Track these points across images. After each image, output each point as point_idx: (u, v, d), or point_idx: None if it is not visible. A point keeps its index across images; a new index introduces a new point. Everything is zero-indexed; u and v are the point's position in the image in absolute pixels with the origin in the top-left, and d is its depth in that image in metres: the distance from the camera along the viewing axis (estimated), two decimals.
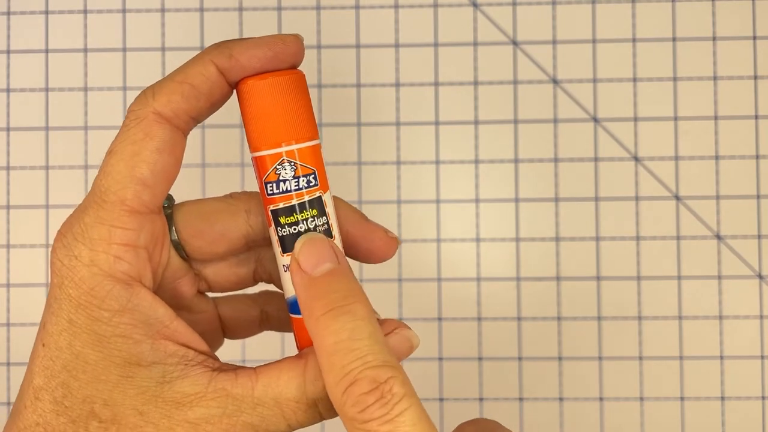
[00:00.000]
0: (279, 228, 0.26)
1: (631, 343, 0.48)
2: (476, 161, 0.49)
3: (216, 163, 0.49)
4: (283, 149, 0.25)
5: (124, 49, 0.50)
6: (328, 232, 0.26)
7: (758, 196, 0.48)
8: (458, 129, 0.49)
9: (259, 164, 0.26)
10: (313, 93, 0.49)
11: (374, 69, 0.49)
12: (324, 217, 0.26)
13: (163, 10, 0.50)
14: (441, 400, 0.48)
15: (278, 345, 0.48)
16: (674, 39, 0.49)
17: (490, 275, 0.48)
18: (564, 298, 0.48)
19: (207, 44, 0.49)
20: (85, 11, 0.50)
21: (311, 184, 0.26)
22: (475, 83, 0.49)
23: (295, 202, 0.26)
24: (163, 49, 0.49)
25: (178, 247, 0.27)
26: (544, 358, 0.48)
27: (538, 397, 0.48)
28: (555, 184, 0.49)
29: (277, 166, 0.25)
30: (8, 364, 0.49)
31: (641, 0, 0.49)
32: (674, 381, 0.48)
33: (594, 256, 0.48)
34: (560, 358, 0.48)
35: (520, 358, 0.48)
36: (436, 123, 0.49)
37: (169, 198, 0.28)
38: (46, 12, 0.50)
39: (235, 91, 0.26)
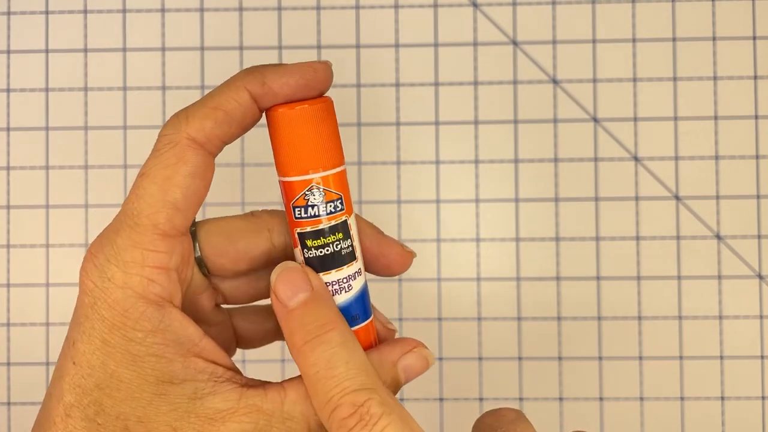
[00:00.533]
0: (306, 250, 0.26)
1: (631, 343, 0.48)
2: (476, 161, 0.49)
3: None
4: (312, 176, 0.26)
5: (124, 49, 0.50)
6: (352, 254, 0.27)
7: (758, 196, 0.48)
8: (458, 129, 0.49)
9: (287, 189, 0.26)
10: None
11: (374, 69, 0.49)
12: (348, 240, 0.27)
13: (163, 10, 0.50)
14: (441, 400, 0.48)
15: (278, 346, 0.48)
16: (674, 39, 0.49)
17: (490, 275, 0.48)
18: (564, 298, 0.48)
19: (207, 44, 0.49)
20: (85, 11, 0.50)
21: (338, 209, 0.26)
22: (475, 83, 0.49)
23: (322, 226, 0.26)
24: (163, 49, 0.49)
25: (201, 263, 0.28)
26: (544, 358, 0.48)
27: (538, 397, 0.48)
28: (555, 184, 0.49)
29: (306, 192, 0.26)
30: (8, 364, 0.49)
31: (641, 0, 0.49)
32: (674, 381, 0.48)
33: (594, 256, 0.48)
34: (560, 358, 0.48)
35: (520, 358, 0.48)
36: (436, 123, 0.49)
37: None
38: (46, 12, 0.50)
39: (264, 115, 0.26)
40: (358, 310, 0.27)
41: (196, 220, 0.28)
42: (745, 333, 0.48)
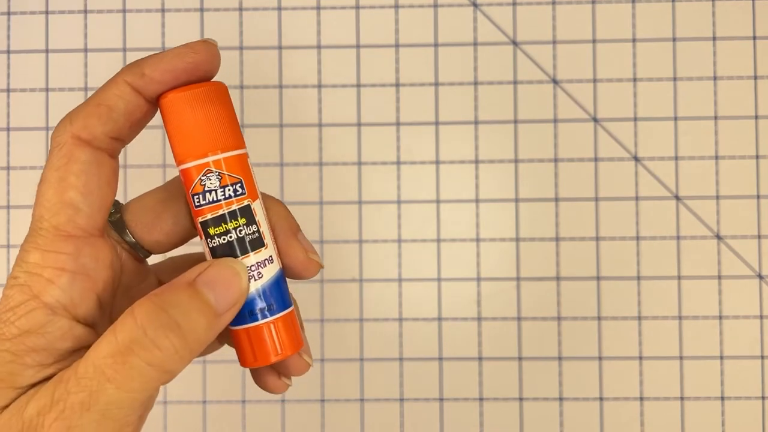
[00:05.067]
0: (209, 239, 0.26)
1: (631, 343, 0.48)
2: (476, 161, 0.49)
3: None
4: (208, 159, 0.25)
5: (124, 49, 0.50)
6: (260, 241, 0.26)
7: (758, 196, 0.48)
8: (458, 129, 0.49)
9: (185, 177, 0.26)
10: (312, 93, 0.49)
11: (374, 69, 0.49)
12: (254, 225, 0.26)
13: (163, 10, 0.50)
14: (441, 400, 0.48)
15: None
16: (674, 39, 0.49)
17: (490, 275, 0.48)
18: (564, 298, 0.48)
19: None
20: (85, 11, 0.50)
21: (238, 193, 0.26)
22: (475, 83, 0.49)
23: (222, 211, 0.26)
24: (163, 49, 0.49)
25: (137, 247, 0.27)
26: (544, 358, 0.48)
27: (538, 397, 0.48)
28: (555, 184, 0.49)
29: (202, 177, 0.25)
30: None
31: (641, 0, 0.49)
32: (674, 381, 0.48)
33: (594, 256, 0.48)
34: (560, 358, 0.48)
35: (520, 358, 0.48)
36: (436, 123, 0.49)
37: (116, 204, 0.28)
38: (46, 12, 0.50)
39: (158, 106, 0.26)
40: (273, 299, 0.26)
41: (122, 204, 0.28)
42: (745, 333, 0.48)
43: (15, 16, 0.50)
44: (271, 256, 0.26)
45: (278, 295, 0.27)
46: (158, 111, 0.26)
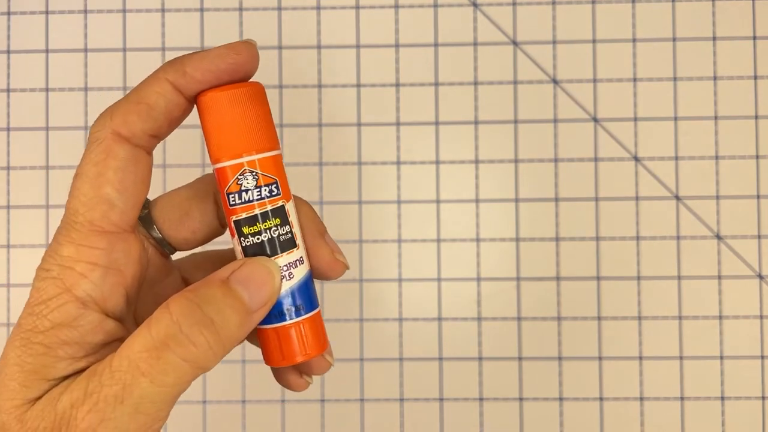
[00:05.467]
0: (242, 238, 0.26)
1: (631, 343, 0.48)
2: (476, 161, 0.49)
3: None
4: (245, 159, 0.25)
5: (124, 49, 0.50)
6: (292, 242, 0.26)
7: (758, 196, 0.48)
8: (458, 129, 0.49)
9: (220, 176, 0.26)
10: (313, 93, 0.49)
11: (374, 69, 0.49)
12: (287, 226, 0.26)
13: (163, 10, 0.50)
14: (441, 400, 0.48)
15: None
16: (674, 39, 0.49)
17: (490, 275, 0.48)
18: (564, 298, 0.48)
19: (207, 44, 0.49)
20: (85, 11, 0.50)
21: (273, 194, 0.26)
22: (475, 83, 0.49)
23: (257, 211, 0.26)
24: (163, 49, 0.49)
25: (163, 243, 0.28)
26: (544, 358, 0.48)
27: (538, 397, 0.48)
28: (555, 184, 0.49)
29: (239, 176, 0.26)
30: None
31: (641, 0, 0.49)
32: (674, 381, 0.48)
33: (594, 256, 0.48)
34: (560, 358, 0.48)
35: (520, 358, 0.48)
36: (436, 123, 0.49)
37: (146, 202, 0.28)
38: (46, 12, 0.50)
39: (195, 104, 0.26)
40: (302, 300, 0.26)
41: (150, 200, 0.28)
42: (745, 333, 0.48)
43: (15, 16, 0.50)
44: (301, 257, 0.27)
45: (307, 296, 0.27)
46: (194, 108, 0.26)
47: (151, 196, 0.28)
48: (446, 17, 0.49)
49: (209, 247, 0.31)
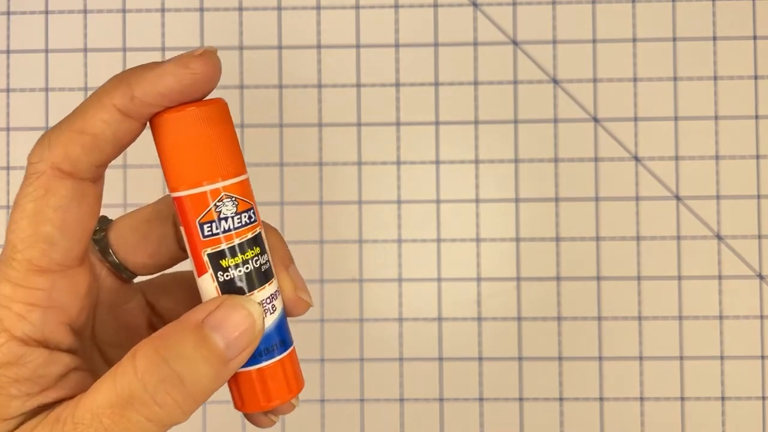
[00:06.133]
0: (219, 272, 0.23)
1: (631, 343, 0.48)
2: (476, 161, 0.49)
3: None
4: (221, 184, 0.22)
5: (124, 49, 0.50)
6: (270, 272, 0.24)
7: (758, 196, 0.48)
8: (458, 129, 0.49)
9: (192, 204, 0.22)
10: (312, 93, 0.49)
11: (374, 69, 0.49)
12: (266, 255, 0.24)
13: (163, 10, 0.50)
14: (441, 400, 0.48)
15: None
16: (674, 39, 0.49)
17: (490, 275, 0.48)
18: (564, 298, 0.48)
19: (207, 44, 0.49)
20: (85, 11, 0.50)
21: (252, 220, 0.23)
22: (475, 83, 0.49)
23: (236, 241, 0.23)
24: (163, 49, 0.49)
25: (120, 268, 0.26)
26: (544, 358, 0.48)
27: (538, 397, 0.48)
28: (555, 184, 0.49)
29: (217, 203, 0.22)
30: None
31: (641, 0, 0.49)
32: (674, 381, 0.48)
33: (594, 256, 0.48)
34: (560, 358, 0.48)
35: (520, 358, 0.48)
36: (436, 123, 0.49)
37: (102, 220, 0.26)
38: (46, 12, 0.50)
39: (149, 124, 0.23)
40: (284, 333, 0.24)
41: (110, 219, 0.26)
42: (745, 333, 0.48)
43: (15, 16, 0.50)
44: (278, 288, 0.24)
45: (287, 327, 0.24)
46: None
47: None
48: (446, 17, 0.49)
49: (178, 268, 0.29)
